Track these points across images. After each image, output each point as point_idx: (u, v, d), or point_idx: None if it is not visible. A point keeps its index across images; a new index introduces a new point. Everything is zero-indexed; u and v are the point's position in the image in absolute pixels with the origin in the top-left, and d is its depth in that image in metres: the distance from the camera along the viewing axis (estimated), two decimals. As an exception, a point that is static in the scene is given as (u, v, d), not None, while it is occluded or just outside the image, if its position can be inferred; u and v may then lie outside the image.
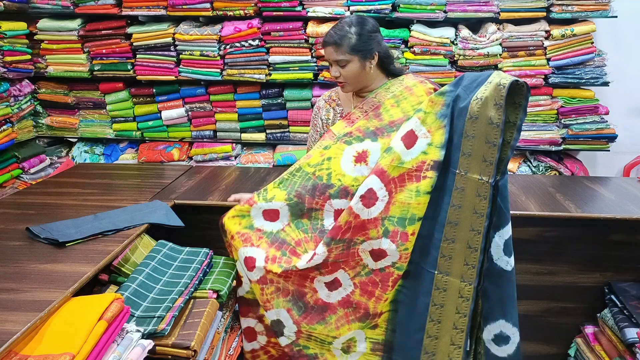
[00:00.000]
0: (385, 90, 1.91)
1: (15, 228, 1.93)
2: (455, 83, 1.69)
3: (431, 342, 1.73)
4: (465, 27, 3.39)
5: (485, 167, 1.57)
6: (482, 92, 1.56)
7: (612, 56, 3.35)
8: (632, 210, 2.23)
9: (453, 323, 1.69)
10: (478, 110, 1.56)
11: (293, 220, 1.86)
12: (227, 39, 3.38)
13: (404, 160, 1.69)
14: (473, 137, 1.58)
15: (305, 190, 1.84)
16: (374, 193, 1.71)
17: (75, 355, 1.24)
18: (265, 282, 1.85)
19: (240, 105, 3.57)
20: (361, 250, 1.75)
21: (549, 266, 2.30)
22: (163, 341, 1.55)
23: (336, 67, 1.87)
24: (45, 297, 1.43)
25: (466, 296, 1.66)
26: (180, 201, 2.32)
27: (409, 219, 1.69)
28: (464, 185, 1.62)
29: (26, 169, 3.32)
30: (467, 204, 1.61)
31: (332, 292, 1.80)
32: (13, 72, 3.25)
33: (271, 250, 1.85)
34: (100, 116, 3.69)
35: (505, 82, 1.51)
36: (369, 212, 1.71)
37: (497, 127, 1.53)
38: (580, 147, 3.46)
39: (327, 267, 1.77)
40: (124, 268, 1.83)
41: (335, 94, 2.09)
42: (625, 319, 2.06)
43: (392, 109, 1.86)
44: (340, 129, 1.89)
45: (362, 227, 1.72)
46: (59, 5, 3.45)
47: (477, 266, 1.64)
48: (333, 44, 1.84)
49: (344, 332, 1.80)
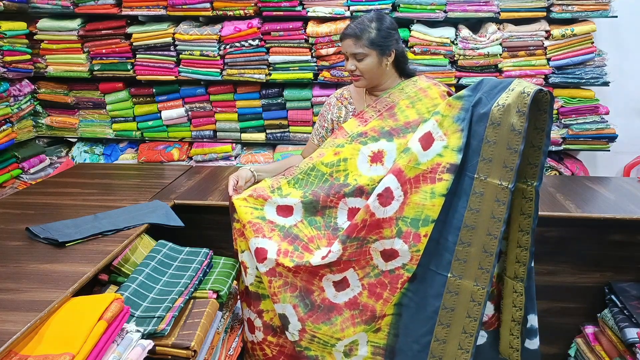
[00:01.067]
0: (400, 91, 1.92)
1: (15, 228, 1.93)
2: (473, 88, 1.70)
3: (439, 346, 1.72)
4: (465, 27, 3.39)
5: (506, 172, 1.58)
6: (503, 99, 1.58)
7: (612, 56, 3.35)
8: (632, 210, 2.23)
9: (462, 327, 1.68)
10: (500, 117, 1.57)
11: (306, 217, 1.86)
12: (227, 39, 3.38)
13: (420, 162, 1.70)
14: (494, 143, 1.59)
15: (322, 190, 1.85)
16: (390, 192, 1.71)
17: (75, 355, 1.24)
18: (274, 275, 1.82)
19: (240, 105, 3.57)
20: (372, 249, 1.74)
21: (549, 266, 2.30)
22: (163, 341, 1.55)
23: (353, 61, 1.88)
24: (45, 297, 1.42)
25: (478, 300, 1.66)
26: (180, 201, 2.32)
27: (422, 220, 1.69)
28: (483, 189, 1.62)
29: (26, 169, 3.32)
30: (485, 209, 1.62)
31: (340, 292, 1.79)
32: (13, 72, 3.25)
33: (283, 244, 1.83)
34: (100, 116, 3.69)
35: (529, 90, 1.53)
36: (385, 210, 1.71)
37: (519, 133, 1.54)
38: (580, 147, 3.46)
39: (339, 265, 1.76)
40: (124, 268, 1.82)
41: (347, 92, 2.09)
42: (626, 319, 2.05)
43: (407, 109, 1.86)
44: (353, 128, 1.89)
45: (377, 226, 1.72)
46: (58, 5, 3.45)
47: (492, 270, 1.64)
48: (353, 37, 1.85)
49: (348, 334, 1.79)
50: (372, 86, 1.97)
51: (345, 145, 1.86)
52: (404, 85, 1.94)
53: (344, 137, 1.88)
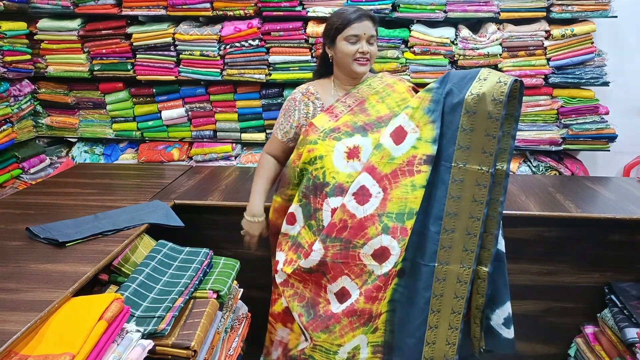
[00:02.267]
0: (367, 87, 1.92)
1: (15, 228, 1.93)
2: (441, 80, 1.76)
3: (432, 333, 1.75)
4: (465, 27, 3.39)
5: (485, 158, 1.64)
6: (476, 88, 1.64)
7: (612, 56, 3.35)
8: (632, 210, 2.23)
9: (451, 308, 1.73)
10: (475, 105, 1.63)
11: (306, 222, 1.86)
12: (227, 39, 3.38)
13: (394, 156, 1.73)
14: (471, 131, 1.65)
15: (309, 191, 1.84)
16: (366, 190, 1.72)
17: (75, 355, 1.24)
18: (286, 285, 1.88)
19: (240, 105, 3.57)
20: (363, 255, 1.73)
21: (549, 266, 2.30)
22: (163, 341, 1.55)
23: (365, 43, 1.83)
24: (45, 297, 1.42)
25: (464, 280, 1.71)
26: (180, 201, 2.32)
27: (407, 213, 1.71)
28: (462, 176, 1.67)
29: (26, 169, 3.33)
30: (466, 194, 1.67)
31: (342, 304, 1.78)
32: (13, 72, 3.25)
33: (289, 253, 1.88)
34: (100, 116, 3.69)
35: (505, 80, 1.60)
36: (364, 209, 1.72)
37: (496, 120, 1.61)
38: (580, 147, 3.46)
39: (329, 270, 1.76)
40: (124, 268, 1.83)
41: (313, 87, 1.99)
42: (625, 319, 2.05)
43: (377, 104, 1.87)
44: (324, 123, 1.85)
45: (361, 227, 1.72)
46: (59, 5, 3.46)
47: (476, 250, 1.69)
48: (371, 19, 1.84)
49: (348, 339, 1.78)
50: (362, 75, 1.92)
51: (319, 142, 1.82)
52: (370, 81, 1.94)
53: (316, 134, 1.83)
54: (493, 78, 1.63)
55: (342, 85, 1.95)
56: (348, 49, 1.83)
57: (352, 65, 1.85)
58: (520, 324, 2.38)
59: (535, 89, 3.38)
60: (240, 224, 2.06)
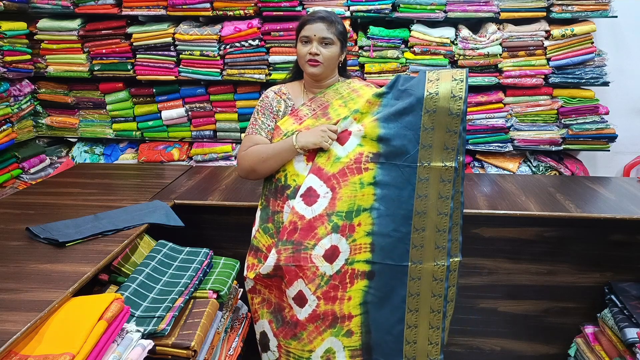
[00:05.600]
0: (334, 92, 1.93)
1: (15, 228, 1.94)
2: (391, 85, 1.79)
3: (411, 332, 1.77)
4: (465, 27, 3.39)
5: (447, 154, 1.70)
6: (433, 87, 1.69)
7: (612, 56, 3.35)
8: (632, 210, 2.23)
9: (430, 307, 1.76)
10: (435, 104, 1.68)
11: (261, 225, 1.87)
12: (227, 39, 3.38)
13: (340, 156, 1.76)
14: (432, 129, 1.70)
15: (270, 193, 1.87)
16: (314, 191, 1.75)
17: (75, 355, 1.25)
18: (254, 292, 1.90)
19: (240, 105, 3.56)
20: (315, 257, 1.73)
21: (549, 266, 2.30)
22: (163, 341, 1.56)
23: (317, 45, 1.82)
24: (45, 297, 1.43)
25: (440, 277, 1.75)
26: (180, 201, 2.32)
27: (355, 211, 1.73)
28: (427, 175, 1.71)
29: (26, 169, 3.32)
30: (432, 192, 1.72)
31: (301, 309, 1.79)
32: (13, 72, 3.25)
33: (250, 258, 1.90)
34: (100, 116, 3.69)
35: (460, 76, 1.69)
36: (312, 209, 1.74)
37: (457, 116, 1.68)
38: (580, 147, 3.46)
39: (285, 275, 1.76)
40: (124, 268, 1.83)
41: (285, 88, 1.99)
42: (625, 319, 2.06)
43: (339, 108, 1.88)
44: (289, 126, 1.86)
45: (310, 228, 1.73)
46: (59, 5, 3.45)
47: (447, 245, 1.73)
48: (326, 21, 1.83)
49: (318, 344, 1.79)
50: (321, 78, 1.90)
51: None
52: (338, 86, 1.94)
53: (280, 137, 1.86)
54: (447, 74, 1.70)
55: (310, 89, 1.96)
56: (300, 50, 1.86)
57: (304, 66, 1.87)
58: (520, 324, 2.40)
59: (535, 89, 3.38)
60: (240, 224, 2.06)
